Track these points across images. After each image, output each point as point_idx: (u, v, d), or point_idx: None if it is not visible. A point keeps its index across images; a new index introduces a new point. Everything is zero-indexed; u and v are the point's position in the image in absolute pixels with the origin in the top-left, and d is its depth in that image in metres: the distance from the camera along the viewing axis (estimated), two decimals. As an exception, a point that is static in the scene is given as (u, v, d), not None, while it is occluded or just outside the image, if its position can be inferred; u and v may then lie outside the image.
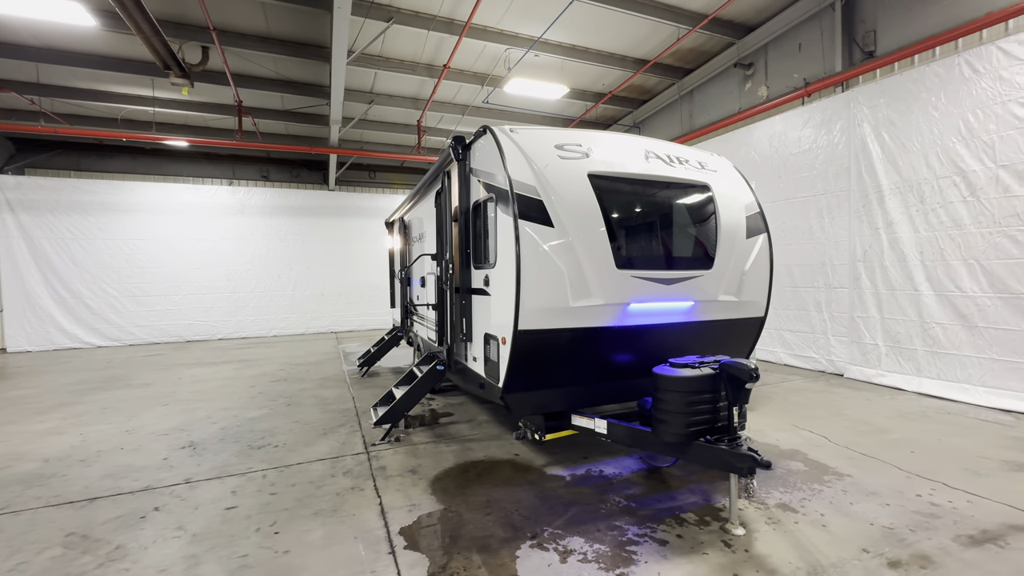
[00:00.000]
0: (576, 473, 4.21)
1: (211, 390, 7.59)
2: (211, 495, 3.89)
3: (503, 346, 3.68)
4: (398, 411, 5.11)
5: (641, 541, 3.13)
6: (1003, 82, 5.85)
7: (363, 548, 3.10)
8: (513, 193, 3.50)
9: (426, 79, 10.49)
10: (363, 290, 15.61)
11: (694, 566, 2.86)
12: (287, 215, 14.76)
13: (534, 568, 2.87)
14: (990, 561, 2.85)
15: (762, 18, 9.02)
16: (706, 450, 3.21)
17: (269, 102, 11.42)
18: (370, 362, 8.39)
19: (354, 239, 15.54)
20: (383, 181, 16.47)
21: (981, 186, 6.07)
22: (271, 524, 3.42)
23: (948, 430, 5.14)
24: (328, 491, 3.93)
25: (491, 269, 3.93)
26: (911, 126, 6.76)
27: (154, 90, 10.19)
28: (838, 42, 7.81)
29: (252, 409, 6.44)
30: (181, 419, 6.04)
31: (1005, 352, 5.88)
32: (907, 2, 7.04)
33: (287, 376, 8.55)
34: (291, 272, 14.75)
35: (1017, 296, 5.78)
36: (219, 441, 5.19)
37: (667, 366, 3.44)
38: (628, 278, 3.72)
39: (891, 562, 2.86)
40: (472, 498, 3.77)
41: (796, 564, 2.85)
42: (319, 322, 15.06)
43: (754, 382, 3.08)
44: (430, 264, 6.20)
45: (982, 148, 6.05)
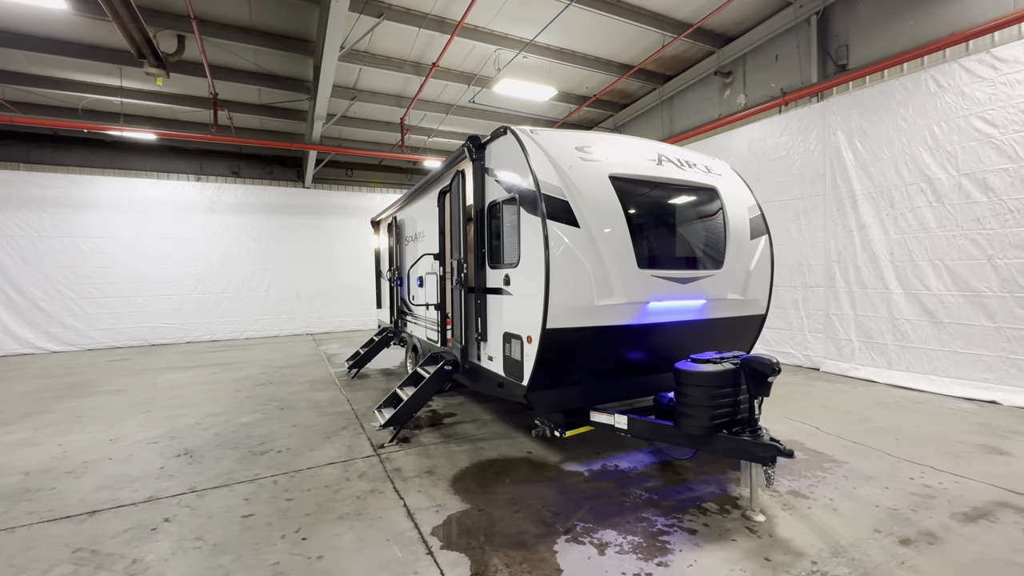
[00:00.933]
0: (593, 468, 4.30)
1: (193, 395, 7.25)
2: (223, 503, 3.74)
3: (528, 345, 3.72)
4: (406, 413, 5.05)
5: (671, 531, 3.24)
6: (965, 97, 6.36)
7: (399, 550, 3.07)
8: (540, 194, 3.55)
9: (412, 77, 10.36)
10: (340, 291, 15.26)
11: (727, 552, 2.99)
12: (260, 213, 14.24)
13: (575, 562, 2.92)
14: (986, 535, 3.12)
15: (741, 29, 9.42)
16: (730, 441, 3.35)
17: (245, 95, 10.98)
18: (359, 364, 8.23)
19: (331, 238, 15.17)
20: (360, 179, 16.12)
21: (946, 192, 6.58)
22: (296, 530, 3.33)
23: (923, 418, 5.55)
24: (347, 495, 3.85)
25: (513, 269, 3.96)
26: (882, 136, 7.25)
27: (122, 79, 9.62)
28: (814, 55, 8.26)
29: (243, 414, 6.20)
30: (168, 426, 5.75)
31: (967, 345, 6.40)
32: (877, 20, 7.53)
33: (272, 379, 8.27)
34: (265, 272, 14.24)
35: (978, 294, 6.30)
36: (216, 448, 4.98)
37: (689, 362, 3.57)
38: (648, 277, 3.84)
39: (902, 540, 3.08)
40: (496, 496, 3.79)
41: (819, 546, 3.03)
42: (294, 324, 14.60)
43: (776, 375, 3.25)
44: (431, 264, 6.16)
45: (946, 157, 6.56)
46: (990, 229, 6.17)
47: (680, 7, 8.62)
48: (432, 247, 6.17)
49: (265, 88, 10.47)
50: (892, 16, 7.33)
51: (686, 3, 8.50)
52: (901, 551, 2.96)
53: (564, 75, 10.63)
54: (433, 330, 6.22)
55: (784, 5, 8.58)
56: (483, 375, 4.56)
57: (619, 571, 2.82)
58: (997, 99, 6.07)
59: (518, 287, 3.90)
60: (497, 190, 4.25)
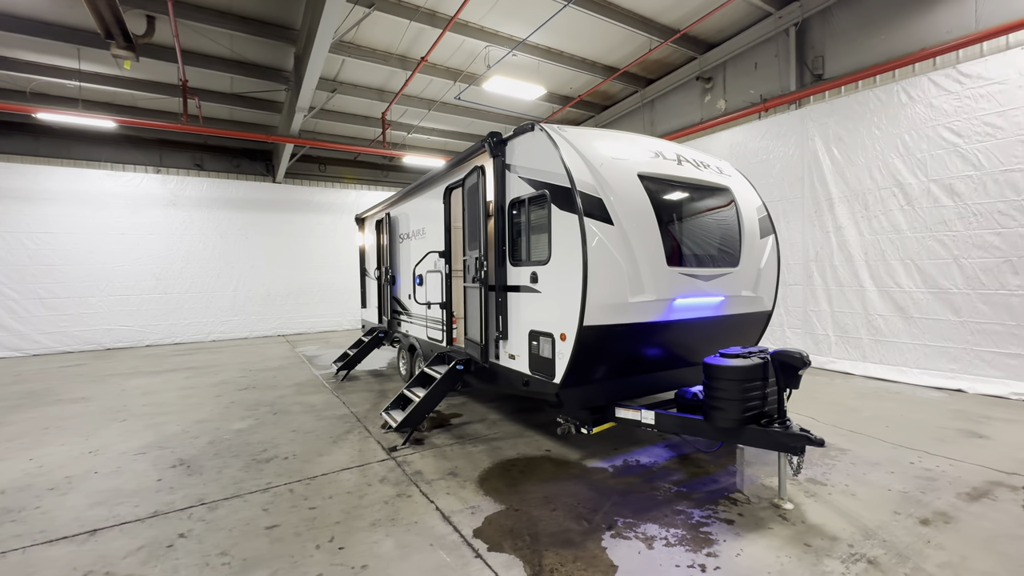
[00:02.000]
0: (615, 464, 4.34)
1: (171, 402, 6.78)
2: (240, 515, 3.52)
3: (562, 342, 3.71)
4: (419, 414, 4.93)
5: (709, 522, 3.32)
6: (933, 109, 6.86)
7: (445, 554, 2.99)
8: (576, 191, 3.54)
9: (397, 71, 10.12)
10: (314, 290, 14.71)
11: (767, 540, 3.09)
12: (227, 208, 13.50)
13: (626, 557, 2.94)
14: (991, 513, 3.37)
15: (722, 37, 9.77)
16: (761, 433, 3.47)
17: (216, 83, 10.38)
18: (349, 365, 7.95)
19: (303, 235, 14.60)
20: (333, 175, 15.58)
21: (916, 197, 7.08)
22: (329, 540, 3.18)
23: (904, 407, 5.95)
24: (373, 500, 3.71)
25: (542, 266, 3.93)
26: (857, 142, 7.71)
27: (80, 61, 8.85)
28: (792, 64, 8.69)
29: (234, 420, 5.86)
30: (152, 435, 5.35)
31: (935, 339, 6.91)
32: (852, 33, 8.01)
33: (254, 383, 7.86)
34: (232, 270, 13.52)
35: (944, 291, 6.82)
36: (214, 457, 4.68)
37: (718, 357, 3.67)
38: (676, 275, 3.91)
39: (921, 520, 3.29)
40: (528, 495, 3.75)
41: (850, 529, 3.19)
42: (265, 325, 13.95)
43: (807, 368, 3.39)
44: (435, 262, 6.03)
45: (916, 164, 7.05)
46: (956, 231, 6.69)
47: (667, 12, 8.85)
48: (435, 245, 6.05)
49: (239, 76, 9.93)
50: (865, 31, 7.81)
51: (673, 9, 8.73)
52: (923, 531, 3.16)
53: (551, 75, 10.67)
54: (437, 329, 6.09)
55: (764, 16, 8.96)
56: (503, 374, 4.51)
57: (672, 564, 2.86)
58: (962, 111, 6.58)
59: (548, 284, 3.88)
60: (521, 187, 4.21)
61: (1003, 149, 6.24)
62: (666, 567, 2.83)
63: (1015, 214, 6.17)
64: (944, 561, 2.83)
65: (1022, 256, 6.12)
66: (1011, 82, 6.18)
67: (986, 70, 6.38)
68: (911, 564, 2.81)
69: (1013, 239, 6.20)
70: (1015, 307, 6.19)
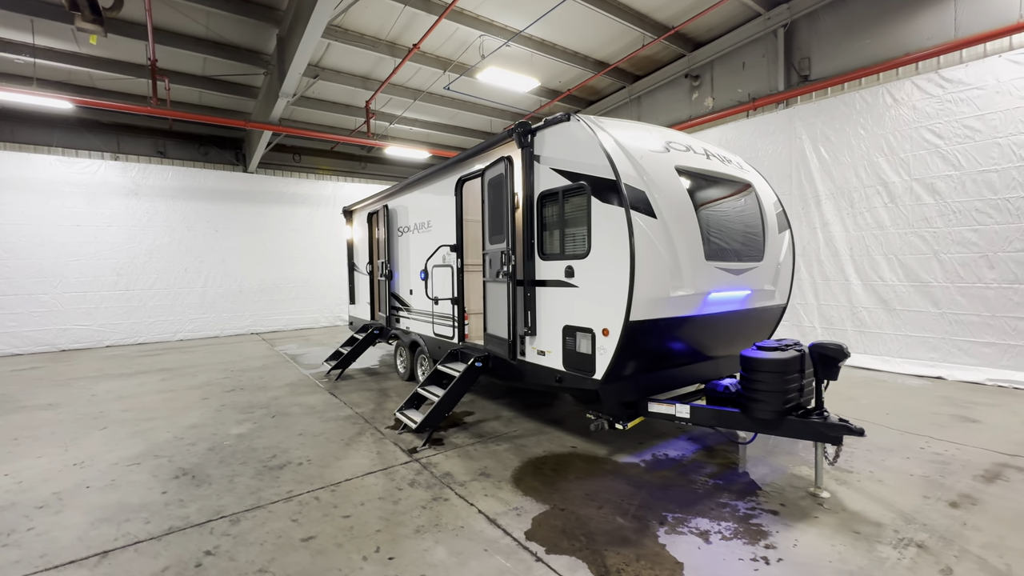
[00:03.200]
0: (645, 459, 4.34)
1: (152, 407, 6.30)
2: (269, 528, 3.27)
3: (604, 338, 3.64)
4: (438, 414, 4.76)
5: (756, 514, 3.35)
6: (916, 111, 7.22)
7: (504, 559, 2.88)
8: (621, 183, 3.47)
9: (385, 57, 9.74)
10: (289, 285, 14.08)
11: (817, 529, 3.14)
12: (195, 199, 12.68)
13: (687, 553, 2.92)
14: (1010, 493, 3.57)
15: (711, 35, 9.95)
16: (800, 424, 3.53)
17: (188, 64, 9.68)
18: (344, 364, 7.63)
19: (278, 228, 13.93)
20: (309, 166, 14.93)
21: (899, 195, 7.44)
22: (375, 550, 3.00)
23: (895, 394, 6.26)
24: (409, 505, 3.54)
25: (580, 260, 3.85)
26: (843, 142, 8.03)
27: (34, 35, 8.02)
28: (780, 64, 8.94)
29: (230, 424, 5.49)
30: (142, 444, 4.94)
31: (916, 329, 7.32)
32: (837, 37, 8.31)
33: (240, 385, 7.41)
34: (201, 265, 12.73)
35: (925, 284, 7.22)
36: (220, 465, 4.36)
37: (756, 350, 3.71)
38: (712, 269, 3.92)
39: (950, 503, 3.44)
40: (569, 494, 3.68)
41: (890, 515, 3.29)
42: (237, 322, 13.23)
43: (846, 359, 3.47)
44: (443, 256, 5.84)
45: (900, 164, 7.41)
46: (936, 228, 7.09)
47: (662, 9, 8.91)
48: (443, 238, 5.86)
49: (213, 58, 9.29)
50: (851, 34, 8.12)
51: (668, 5, 8.79)
52: (956, 513, 3.30)
53: (543, 67, 10.56)
54: (446, 325, 5.91)
55: (753, 16, 9.18)
56: (531, 371, 4.41)
57: (735, 557, 2.86)
58: (944, 114, 6.95)
59: (587, 279, 3.80)
60: (552, 178, 4.10)
61: (981, 151, 6.64)
62: (730, 561, 2.83)
63: (991, 212, 6.59)
64: (985, 542, 2.96)
65: (997, 251, 6.55)
66: (989, 88, 6.57)
67: (966, 75, 6.76)
68: (956, 547, 2.92)
69: (989, 235, 6.61)
70: (990, 299, 6.62)
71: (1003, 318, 6.52)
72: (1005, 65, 6.44)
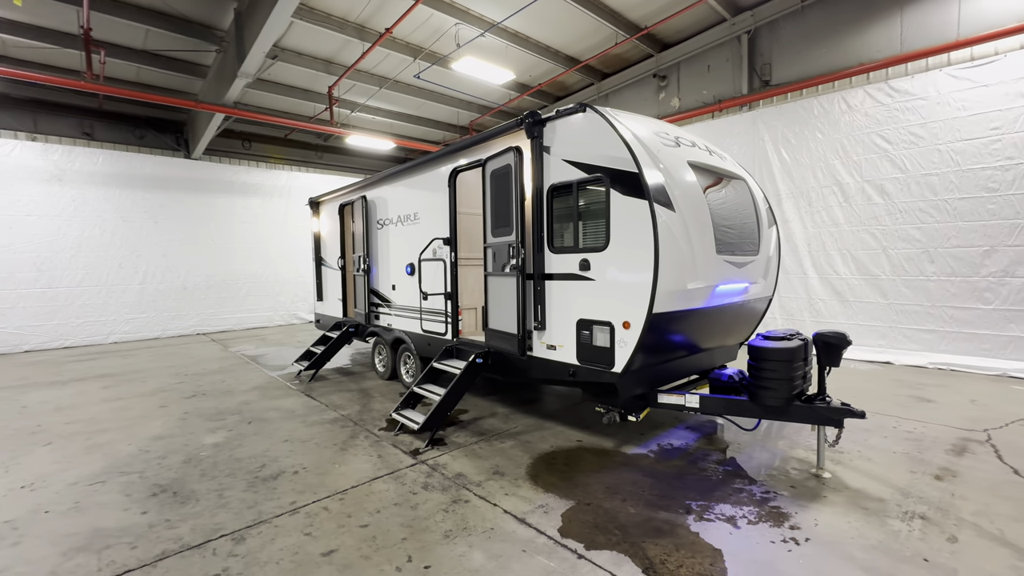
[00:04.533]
0: (652, 449, 4.41)
1: (102, 418, 5.63)
2: (280, 544, 3.00)
3: (625, 331, 3.64)
4: (441, 413, 4.59)
5: (773, 497, 3.49)
6: (868, 117, 7.83)
7: (546, 559, 2.80)
8: (644, 176, 3.48)
9: (352, 40, 9.24)
10: (239, 282, 13.13)
11: (832, 507, 3.32)
12: (131, 186, 11.49)
13: (721, 538, 2.98)
14: (980, 464, 3.95)
15: (679, 37, 10.27)
16: (806, 409, 3.71)
17: (127, 36, 8.68)
18: (317, 364, 7.20)
19: (226, 220, 12.94)
20: (259, 153, 13.96)
21: (852, 195, 8.05)
22: (408, 559, 2.83)
23: (855, 379, 6.77)
24: (430, 510, 3.38)
25: (596, 253, 3.82)
26: (802, 145, 8.57)
27: (-65, -11, 6.86)
28: (744, 68, 9.38)
29: (202, 434, 5.01)
30: (101, 459, 4.39)
31: (866, 318, 7.96)
32: (796, 45, 8.83)
33: (201, 390, 6.80)
34: (139, 260, 11.57)
35: (875, 277, 7.87)
36: (202, 479, 3.96)
37: (762, 339, 3.86)
38: (721, 262, 4.03)
39: (935, 476, 3.75)
40: (588, 488, 3.66)
41: (889, 490, 3.54)
42: (181, 322, 12.16)
43: (848, 346, 3.68)
44: (434, 250, 5.63)
45: (853, 166, 8.01)
46: (885, 225, 7.74)
47: (635, 8, 9.06)
48: (433, 231, 5.66)
49: (157, 30, 8.40)
50: (808, 44, 8.66)
51: (642, 5, 8.96)
52: (942, 486, 3.61)
53: (516, 60, 10.44)
54: (437, 321, 5.71)
55: (719, 21, 9.55)
56: (540, 366, 4.34)
57: (767, 540, 2.95)
58: (892, 121, 7.58)
59: (605, 272, 3.78)
60: (565, 170, 4.04)
61: (924, 156, 7.31)
62: (763, 544, 2.92)
63: (932, 212, 7.27)
64: (975, 510, 3.24)
65: (937, 247, 7.25)
66: (931, 99, 7.24)
67: (911, 87, 7.40)
68: (953, 516, 3.18)
69: (930, 233, 7.30)
70: (931, 290, 7.33)
71: (942, 307, 7.24)
72: (945, 79, 7.11)
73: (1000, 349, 6.79)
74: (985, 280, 6.89)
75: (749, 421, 4.50)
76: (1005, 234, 6.72)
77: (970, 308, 7.02)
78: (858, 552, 2.82)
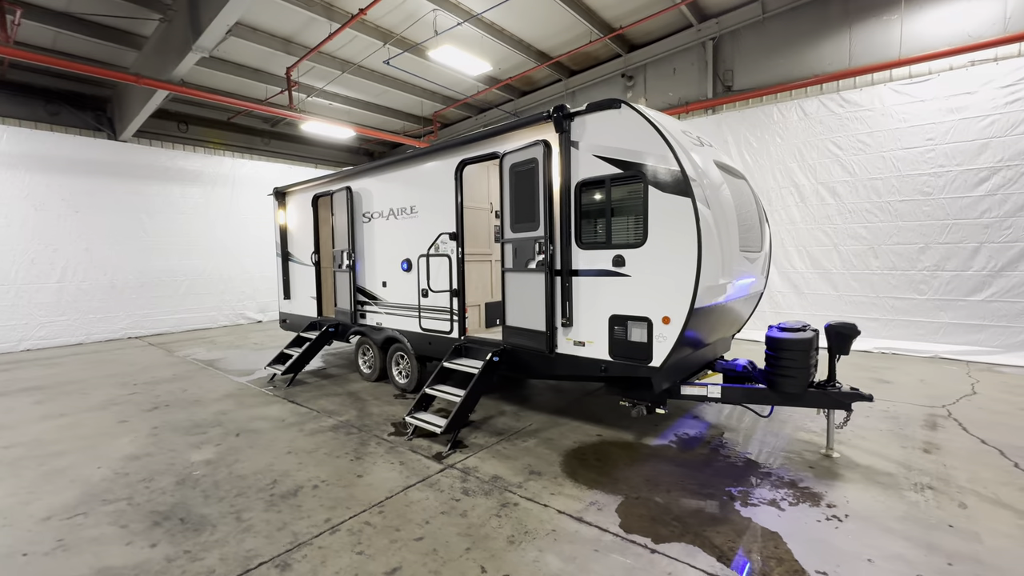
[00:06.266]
0: (671, 440, 4.55)
1: (49, 438, 4.87)
2: (334, 566, 2.76)
3: (664, 326, 3.71)
4: (463, 414, 4.43)
5: (800, 479, 3.72)
6: (822, 125, 8.54)
7: (620, 556, 2.80)
8: (687, 172, 3.54)
9: (318, 19, 8.61)
10: (177, 279, 11.88)
11: (854, 484, 3.60)
12: (44, 170, 9.98)
13: (773, 521, 3.13)
14: (953, 437, 4.46)
15: (647, 39, 10.59)
16: (821, 395, 3.99)
17: (46, -5, 7.49)
18: (296, 368, 6.68)
19: (162, 210, 11.63)
20: (197, 137, 12.66)
21: (807, 196, 8.77)
22: (481, 570, 2.71)
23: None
24: (481, 516, 3.26)
25: (633, 249, 3.84)
26: (764, 148, 9.19)
27: None
28: (709, 73, 9.87)
29: (185, 450, 4.49)
30: (70, 487, 3.80)
31: (820, 309, 8.73)
32: (756, 54, 9.43)
33: (162, 401, 6.08)
34: (57, 255, 10.10)
35: (827, 272, 8.64)
36: (207, 501, 3.54)
37: (779, 331, 4.09)
38: (741, 258, 4.21)
39: (923, 450, 4.19)
40: (630, 482, 3.71)
41: (891, 465, 3.90)
42: (109, 325, 10.80)
43: (857, 336, 4.00)
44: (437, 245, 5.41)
45: (809, 169, 8.72)
46: (836, 224, 8.51)
47: (610, 8, 9.21)
48: (436, 225, 5.44)
49: (87, -9, 7.33)
50: (767, 54, 9.27)
51: (617, 5, 9.12)
52: (933, 458, 4.04)
53: (490, 51, 10.25)
54: (440, 319, 5.50)
55: (686, 26, 9.97)
56: (568, 363, 4.31)
57: (813, 520, 3.15)
58: (843, 129, 8.33)
59: (642, 268, 3.82)
60: (595, 165, 4.02)
61: (870, 162, 8.10)
62: (810, 523, 3.11)
63: (877, 212, 8.10)
64: (968, 478, 3.67)
65: (881, 244, 8.09)
66: (876, 110, 8.03)
67: (860, 98, 8.17)
68: (953, 485, 3.57)
69: (875, 231, 8.13)
70: (876, 283, 8.17)
71: (885, 298, 8.10)
72: (888, 92, 7.91)
73: (932, 334, 7.73)
74: (921, 274, 7.80)
75: (764, 408, 4.76)
76: (937, 233, 7.63)
77: (908, 298, 7.92)
78: (893, 523, 3.09)
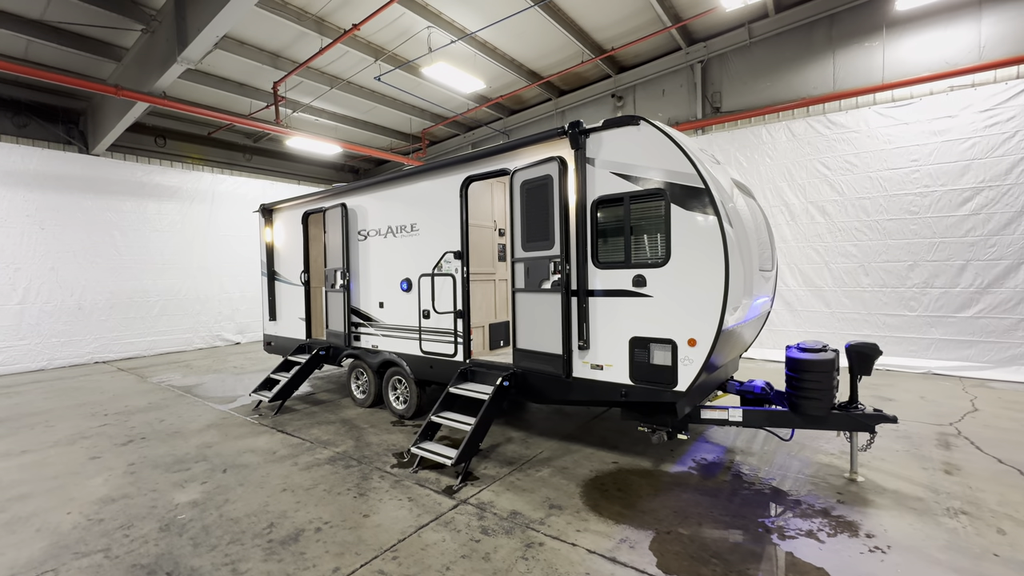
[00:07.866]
0: (690, 466, 4.37)
1: (11, 479, 4.40)
2: (349, 626, 2.45)
3: (690, 348, 3.57)
4: (474, 444, 4.18)
5: (832, 507, 3.58)
6: (810, 146, 8.74)
7: (665, 603, 2.58)
8: (712, 191, 3.46)
9: (309, 33, 8.43)
10: (151, 300, 11.28)
11: (887, 511, 3.48)
12: (8, 185, 9.39)
13: (815, 556, 2.97)
14: (970, 458, 4.41)
15: (637, 61, 10.76)
16: (845, 417, 3.90)
17: (22, 4, 7.10)
18: (284, 394, 6.29)
19: (135, 228, 11.09)
20: (175, 152, 12.21)
21: (798, 214, 8.91)
22: (516, 624, 2.44)
23: (818, 382, 7.39)
24: (507, 560, 3.00)
25: (654, 269, 3.72)
26: (754, 167, 9.34)
27: None
28: (698, 95, 10.06)
29: (167, 490, 4.08)
30: (37, 537, 3.38)
31: (813, 326, 8.80)
32: (744, 77, 9.66)
33: (138, 433, 5.62)
34: (19, 274, 9.46)
35: (819, 289, 8.74)
36: (197, 550, 3.18)
37: (800, 351, 4.01)
38: (759, 276, 4.14)
39: (944, 471, 4.13)
40: (657, 514, 3.51)
41: (919, 488, 3.81)
42: (74, 349, 10.12)
43: (879, 356, 3.94)
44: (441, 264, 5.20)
45: (799, 188, 8.89)
46: (826, 242, 8.65)
47: (602, 30, 9.33)
48: (438, 243, 5.25)
49: (64, -1, 7.00)
50: (754, 76, 9.51)
51: (609, 28, 9.25)
52: (956, 479, 3.97)
53: (482, 69, 10.24)
54: (443, 342, 5.26)
55: (675, 48, 10.18)
56: (585, 387, 4.12)
57: (856, 552, 3.00)
58: (830, 150, 8.54)
59: (665, 288, 3.69)
60: (613, 183, 3.91)
61: (858, 182, 8.30)
62: (854, 556, 2.96)
63: (866, 231, 8.27)
64: (999, 500, 3.60)
65: (871, 262, 8.23)
66: (862, 132, 8.27)
67: (846, 120, 8.41)
68: (986, 509, 3.49)
69: (865, 249, 8.29)
70: (867, 300, 8.29)
71: (876, 315, 8.22)
72: (873, 115, 8.16)
73: (924, 350, 7.85)
74: (910, 291, 7.95)
75: (786, 431, 4.64)
76: (925, 250, 7.81)
77: (899, 315, 8.05)
78: (938, 554, 2.96)
